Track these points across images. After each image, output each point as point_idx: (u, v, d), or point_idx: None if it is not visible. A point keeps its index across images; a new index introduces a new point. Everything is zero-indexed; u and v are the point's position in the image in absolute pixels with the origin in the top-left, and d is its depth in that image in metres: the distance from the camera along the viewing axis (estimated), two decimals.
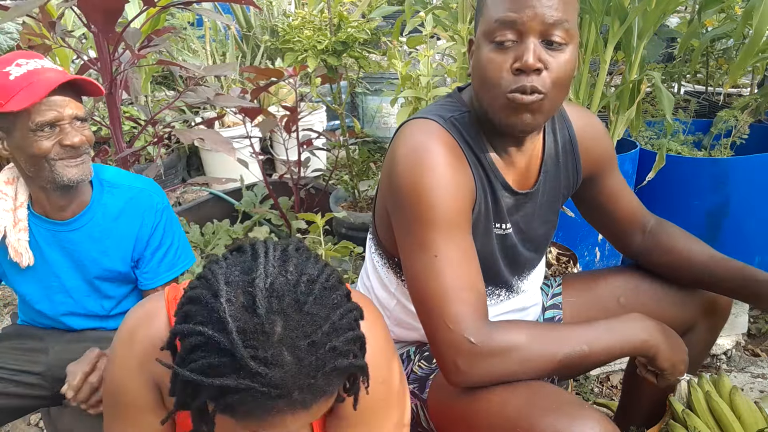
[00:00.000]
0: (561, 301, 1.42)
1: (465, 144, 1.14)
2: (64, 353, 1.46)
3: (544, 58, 1.04)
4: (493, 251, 1.21)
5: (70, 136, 1.29)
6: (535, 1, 1.02)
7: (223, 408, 0.73)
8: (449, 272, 1.05)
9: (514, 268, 1.28)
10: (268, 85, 2.55)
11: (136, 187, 1.46)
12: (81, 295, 1.46)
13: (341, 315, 0.76)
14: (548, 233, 1.32)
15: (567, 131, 1.28)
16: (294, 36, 2.64)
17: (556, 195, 1.29)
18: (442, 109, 1.18)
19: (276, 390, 0.70)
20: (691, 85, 3.53)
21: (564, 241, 2.04)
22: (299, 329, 0.72)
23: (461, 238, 1.08)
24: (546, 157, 1.24)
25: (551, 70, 1.05)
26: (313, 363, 0.72)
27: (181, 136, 1.98)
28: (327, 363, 0.73)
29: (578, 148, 1.28)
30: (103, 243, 1.43)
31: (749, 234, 2.34)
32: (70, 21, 3.12)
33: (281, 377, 0.70)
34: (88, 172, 1.35)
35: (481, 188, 1.15)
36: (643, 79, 2.08)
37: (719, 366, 2.14)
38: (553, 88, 1.06)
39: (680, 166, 2.32)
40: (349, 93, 3.16)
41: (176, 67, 2.15)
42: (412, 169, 1.08)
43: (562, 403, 0.99)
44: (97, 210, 1.42)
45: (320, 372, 0.72)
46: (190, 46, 4.35)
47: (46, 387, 1.46)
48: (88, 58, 1.98)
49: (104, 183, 1.44)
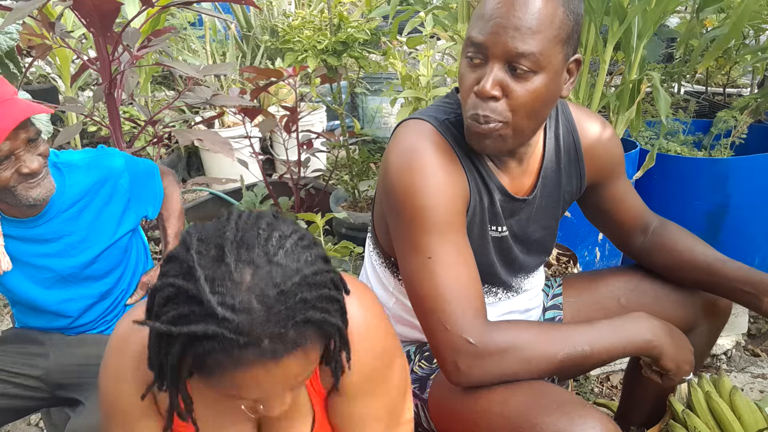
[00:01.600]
0: (561, 301, 1.42)
1: (458, 146, 1.13)
2: (64, 358, 1.46)
3: (506, 85, 1.02)
4: (489, 253, 1.21)
5: (28, 163, 1.27)
6: (500, 28, 1.00)
7: (194, 362, 0.72)
8: (444, 273, 1.05)
9: (511, 270, 1.27)
10: (267, 85, 2.55)
11: (92, 157, 1.48)
12: (78, 280, 1.46)
13: (315, 272, 0.75)
14: (546, 238, 1.31)
15: (572, 136, 1.26)
16: (294, 36, 2.64)
17: (556, 201, 1.28)
18: (438, 110, 1.18)
19: (244, 337, 0.69)
20: (691, 85, 3.53)
21: (564, 241, 2.04)
22: (269, 279, 0.71)
23: (455, 239, 1.08)
24: (545, 163, 1.23)
25: (513, 98, 1.02)
26: (283, 312, 0.71)
27: (180, 137, 1.98)
28: (297, 314, 0.72)
29: (583, 155, 1.26)
30: (85, 220, 1.43)
31: (749, 234, 2.34)
32: (70, 21, 3.12)
33: (249, 323, 0.69)
34: (50, 188, 1.33)
35: (476, 190, 1.14)
36: (642, 79, 2.08)
37: (719, 366, 2.14)
38: (516, 116, 1.04)
39: (680, 166, 2.32)
40: (349, 93, 3.16)
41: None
42: (403, 172, 1.08)
43: (563, 403, 0.99)
44: (64, 192, 1.42)
45: (290, 322, 0.71)
46: (190, 46, 4.35)
47: (45, 390, 1.46)
48: (87, 58, 1.98)
49: (61, 166, 1.44)
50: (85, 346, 1.47)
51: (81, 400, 1.40)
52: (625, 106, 2.17)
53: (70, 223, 1.42)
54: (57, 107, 1.99)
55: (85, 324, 1.50)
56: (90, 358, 1.46)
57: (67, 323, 1.49)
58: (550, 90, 1.05)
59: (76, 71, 2.16)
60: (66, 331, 1.50)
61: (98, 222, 1.45)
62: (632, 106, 2.15)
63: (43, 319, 1.49)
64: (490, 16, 1.02)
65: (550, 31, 1.02)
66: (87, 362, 1.45)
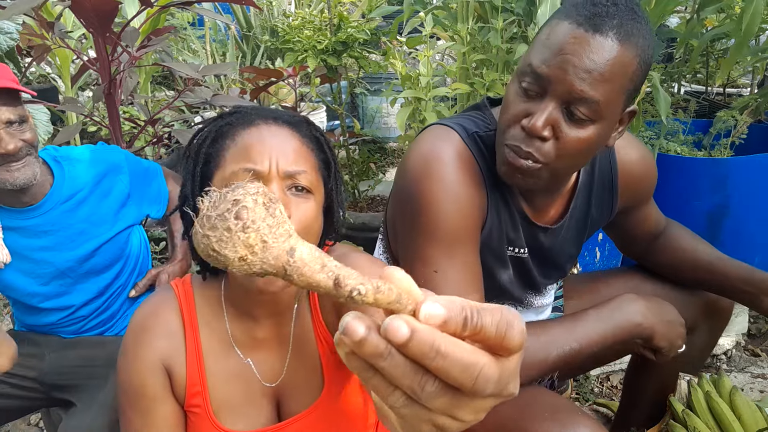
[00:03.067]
0: (563, 303, 1.42)
1: (483, 162, 1.07)
2: (59, 360, 1.46)
3: (558, 127, 0.95)
4: (507, 271, 1.19)
5: (4, 143, 1.26)
6: (570, 66, 0.92)
7: (217, 133, 0.91)
8: (448, 290, 1.02)
9: (528, 288, 1.28)
10: (267, 85, 2.55)
11: (91, 152, 1.49)
12: (77, 275, 1.46)
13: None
14: (568, 263, 1.30)
15: (609, 165, 1.21)
16: (294, 36, 2.64)
17: (582, 228, 1.25)
18: (468, 120, 1.11)
19: (254, 111, 0.92)
20: (690, 85, 3.53)
21: None
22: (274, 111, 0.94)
23: (464, 256, 1.03)
24: (577, 195, 1.18)
25: (561, 141, 0.96)
26: (284, 116, 0.92)
27: (180, 137, 1.98)
28: (296, 117, 0.93)
29: (618, 183, 1.22)
30: (83, 212, 1.43)
31: (749, 234, 2.33)
32: (70, 21, 3.12)
33: (254, 108, 0.94)
34: (31, 174, 1.32)
35: (495, 210, 1.09)
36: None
37: (719, 366, 2.14)
38: (558, 160, 0.97)
39: (680, 166, 2.32)
40: (349, 93, 3.15)
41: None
42: (420, 177, 1.04)
43: (555, 410, 1.00)
44: (63, 185, 1.42)
45: (289, 116, 0.92)
46: (190, 46, 4.35)
47: (41, 390, 1.46)
48: (87, 58, 1.98)
49: (60, 159, 1.45)
50: (80, 347, 1.48)
51: (74, 402, 1.40)
52: None
53: (68, 216, 1.42)
54: (57, 107, 1.99)
55: (81, 318, 1.50)
56: (85, 360, 1.46)
57: (62, 316, 1.49)
58: (601, 140, 0.99)
59: (76, 72, 2.17)
60: (62, 327, 1.50)
61: (96, 216, 1.45)
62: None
63: (41, 314, 1.49)
64: (560, 50, 0.93)
65: (620, 81, 0.94)
66: (81, 364, 1.46)
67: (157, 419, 0.96)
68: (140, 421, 0.96)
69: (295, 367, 0.98)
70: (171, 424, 0.97)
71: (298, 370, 0.98)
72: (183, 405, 0.99)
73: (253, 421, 0.98)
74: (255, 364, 0.98)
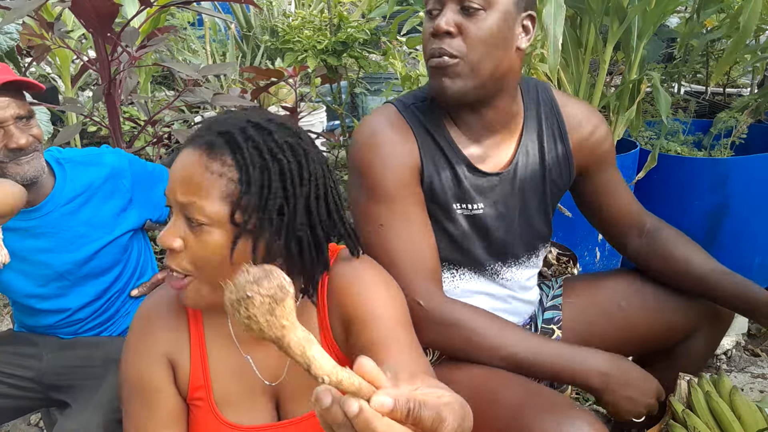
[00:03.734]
0: (561, 302, 1.41)
1: (420, 126, 1.20)
2: (57, 360, 1.46)
3: (459, 23, 1.11)
4: (463, 231, 1.23)
5: (15, 138, 1.28)
6: None
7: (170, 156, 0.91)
8: (394, 239, 1.14)
9: (493, 252, 1.27)
10: (268, 85, 2.55)
11: (85, 155, 1.48)
12: (76, 277, 1.46)
13: (275, 131, 0.90)
14: (533, 222, 1.30)
15: (555, 119, 1.28)
16: (294, 36, 2.63)
17: (542, 182, 1.27)
18: (409, 95, 1.26)
19: (197, 130, 0.92)
20: (690, 86, 3.52)
21: (564, 241, 2.04)
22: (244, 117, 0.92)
23: (404, 209, 1.15)
24: (524, 140, 1.25)
25: (466, 33, 1.11)
26: (207, 136, 0.89)
27: (180, 137, 1.98)
28: (231, 129, 0.89)
29: (568, 135, 1.28)
30: (84, 215, 1.43)
31: (749, 234, 2.33)
32: (70, 21, 3.11)
33: (205, 122, 0.93)
34: (39, 168, 1.34)
35: (433, 166, 1.19)
36: (642, 79, 2.08)
37: (719, 366, 2.14)
38: (471, 52, 1.11)
39: (680, 166, 2.32)
40: (349, 93, 3.15)
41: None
42: (359, 148, 1.18)
43: (553, 405, 1.01)
44: (64, 187, 1.42)
45: (213, 134, 0.89)
46: (190, 46, 4.35)
47: (39, 390, 1.46)
48: (87, 59, 1.98)
49: (62, 161, 1.45)
50: (77, 348, 1.48)
51: (69, 403, 1.40)
52: (625, 106, 2.17)
53: (69, 218, 1.42)
54: (57, 107, 2.00)
55: (79, 321, 1.50)
56: (82, 360, 1.46)
57: (60, 318, 1.49)
58: (502, 30, 1.12)
59: (76, 72, 2.17)
60: (60, 328, 1.50)
61: (97, 219, 1.45)
62: (632, 106, 2.15)
63: (39, 316, 1.49)
64: None
65: None
66: (79, 364, 1.46)
67: (159, 411, 0.97)
68: (143, 413, 0.97)
69: (297, 369, 0.98)
70: (173, 417, 0.98)
71: (300, 373, 0.98)
72: (186, 398, 1.00)
73: (255, 417, 0.99)
74: (255, 361, 0.98)
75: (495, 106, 1.20)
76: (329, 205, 0.93)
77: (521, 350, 1.11)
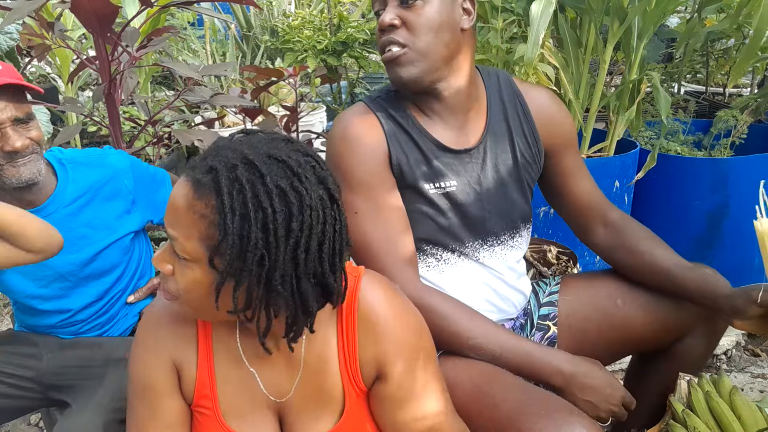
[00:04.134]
0: (557, 299, 1.41)
1: (386, 114, 1.26)
2: (57, 360, 1.46)
3: (401, 15, 1.19)
4: (439, 209, 1.26)
5: (12, 141, 1.27)
6: None
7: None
8: (370, 227, 1.20)
9: (471, 230, 1.29)
10: (268, 85, 2.55)
11: (88, 155, 1.48)
12: (77, 278, 1.46)
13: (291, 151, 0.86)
14: (511, 198, 1.32)
15: (517, 100, 1.33)
16: (294, 36, 2.64)
17: (513, 157, 1.31)
18: (376, 91, 1.34)
19: (201, 158, 0.86)
20: (691, 85, 3.53)
21: (564, 240, 2.04)
22: (249, 145, 0.86)
23: (376, 196, 1.21)
24: (491, 119, 1.30)
25: (409, 24, 1.19)
26: (201, 168, 0.84)
27: (180, 137, 1.98)
28: (218, 165, 0.83)
29: (532, 115, 1.33)
30: (86, 216, 1.43)
31: (749, 234, 2.31)
32: (70, 21, 3.12)
33: (207, 151, 0.88)
34: (36, 170, 1.33)
35: (401, 150, 1.24)
36: (642, 79, 2.08)
37: (719, 366, 2.14)
38: (416, 40, 1.19)
39: (680, 166, 2.32)
40: (349, 93, 3.15)
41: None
42: (332, 143, 1.26)
43: (551, 409, 1.02)
44: (66, 188, 1.42)
45: (210, 163, 0.83)
46: (190, 46, 4.35)
47: (38, 390, 1.46)
48: (87, 58, 1.98)
49: (65, 162, 1.44)
50: (77, 348, 1.48)
51: (70, 403, 1.40)
52: (625, 106, 2.17)
53: (71, 219, 1.42)
54: (57, 107, 2.00)
55: (80, 321, 1.50)
56: (82, 360, 1.46)
57: (61, 319, 1.48)
58: (442, 16, 1.20)
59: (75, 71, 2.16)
60: (61, 328, 1.50)
61: (98, 220, 1.45)
62: (632, 106, 2.15)
63: (41, 316, 1.49)
64: None
65: None
66: (79, 364, 1.46)
67: (163, 413, 0.98)
68: (146, 413, 0.98)
69: (306, 391, 0.99)
70: (177, 420, 0.99)
71: (310, 395, 0.99)
72: (190, 404, 1.00)
73: (259, 429, 0.99)
74: (261, 376, 0.98)
75: (453, 87, 1.25)
76: (323, 254, 0.85)
77: (488, 342, 1.16)
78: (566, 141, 1.38)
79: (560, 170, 1.39)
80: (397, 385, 0.97)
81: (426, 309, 1.10)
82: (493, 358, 1.16)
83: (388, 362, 0.96)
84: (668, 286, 1.33)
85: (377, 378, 0.98)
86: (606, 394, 1.17)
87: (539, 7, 1.68)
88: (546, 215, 2.14)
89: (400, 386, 0.97)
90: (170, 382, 0.98)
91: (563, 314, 1.40)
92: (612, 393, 1.18)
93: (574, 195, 1.41)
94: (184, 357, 0.98)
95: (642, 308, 1.36)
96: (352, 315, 0.96)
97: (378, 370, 0.97)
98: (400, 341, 0.96)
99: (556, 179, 1.40)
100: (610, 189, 2.18)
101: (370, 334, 0.96)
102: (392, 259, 1.19)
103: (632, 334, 1.37)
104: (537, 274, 1.86)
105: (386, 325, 0.96)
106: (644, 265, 1.35)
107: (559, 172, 1.39)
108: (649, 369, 1.45)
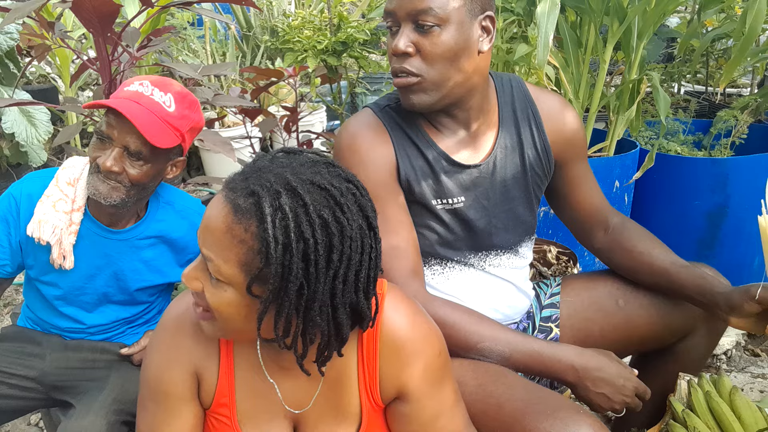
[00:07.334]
0: (559, 300, 1.42)
1: (396, 126, 1.24)
2: (60, 361, 1.46)
3: (416, 41, 1.14)
4: (446, 226, 1.25)
5: (104, 158, 1.28)
6: None
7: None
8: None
9: (477, 245, 1.29)
10: (268, 85, 2.55)
11: (185, 205, 1.49)
12: (106, 300, 1.47)
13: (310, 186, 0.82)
14: (518, 212, 1.31)
15: (530, 110, 1.31)
16: (294, 36, 2.63)
17: (523, 171, 1.30)
18: (384, 98, 1.30)
19: (239, 176, 0.84)
20: (691, 85, 3.53)
21: (564, 240, 2.04)
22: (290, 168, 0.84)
23: (384, 207, 1.18)
24: (502, 132, 1.27)
25: (424, 52, 1.14)
26: (258, 179, 0.81)
27: None
28: (261, 189, 0.80)
29: (544, 126, 1.31)
30: (148, 255, 1.45)
31: (749, 234, 2.33)
32: (70, 21, 3.12)
33: (245, 170, 0.85)
34: (112, 200, 1.32)
35: (410, 165, 1.23)
36: (642, 79, 2.08)
37: (719, 366, 2.14)
38: (431, 69, 1.15)
39: (680, 166, 2.32)
40: (349, 93, 3.16)
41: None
42: (339, 151, 1.23)
43: (557, 409, 1.01)
44: (150, 224, 1.44)
45: (252, 187, 0.81)
46: (190, 46, 4.35)
47: (41, 390, 1.46)
48: (87, 58, 1.98)
49: (161, 199, 1.47)
50: (81, 350, 1.47)
51: (73, 404, 1.40)
52: (625, 106, 2.17)
53: (136, 251, 1.43)
54: (57, 107, 1.99)
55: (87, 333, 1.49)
56: (86, 362, 1.46)
57: (72, 326, 1.48)
58: (459, 42, 1.14)
59: (75, 71, 2.16)
60: (67, 332, 1.49)
61: (157, 262, 1.46)
62: (632, 106, 2.15)
63: (55, 315, 1.48)
64: None
65: None
66: (82, 366, 1.46)
67: (176, 418, 0.98)
68: (162, 417, 0.98)
69: (325, 404, 0.99)
70: (192, 426, 0.99)
71: (328, 408, 0.99)
72: (207, 409, 1.00)
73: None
74: (281, 387, 0.98)
75: (466, 105, 1.23)
76: (359, 282, 0.84)
77: (497, 344, 1.15)
78: (577, 151, 1.36)
79: (569, 179, 1.38)
80: (421, 406, 0.97)
81: (434, 319, 1.09)
82: (503, 360, 1.15)
83: (412, 385, 0.96)
84: (667, 286, 1.33)
85: (397, 397, 0.98)
86: (619, 386, 1.16)
87: (545, 8, 1.67)
88: (546, 215, 2.14)
89: (423, 408, 0.97)
90: (190, 389, 0.98)
91: (565, 315, 1.40)
92: (625, 384, 1.17)
93: (580, 203, 1.40)
94: (206, 364, 0.98)
95: (643, 308, 1.37)
96: (374, 334, 0.96)
97: (399, 391, 0.97)
98: (425, 366, 0.96)
99: (564, 188, 1.39)
100: (610, 189, 2.18)
101: (393, 357, 0.96)
102: (399, 272, 1.17)
103: (633, 334, 1.37)
104: (537, 274, 1.86)
105: (413, 350, 0.95)
106: (642, 265, 1.35)
107: (567, 181, 1.38)
108: (649, 369, 1.45)
